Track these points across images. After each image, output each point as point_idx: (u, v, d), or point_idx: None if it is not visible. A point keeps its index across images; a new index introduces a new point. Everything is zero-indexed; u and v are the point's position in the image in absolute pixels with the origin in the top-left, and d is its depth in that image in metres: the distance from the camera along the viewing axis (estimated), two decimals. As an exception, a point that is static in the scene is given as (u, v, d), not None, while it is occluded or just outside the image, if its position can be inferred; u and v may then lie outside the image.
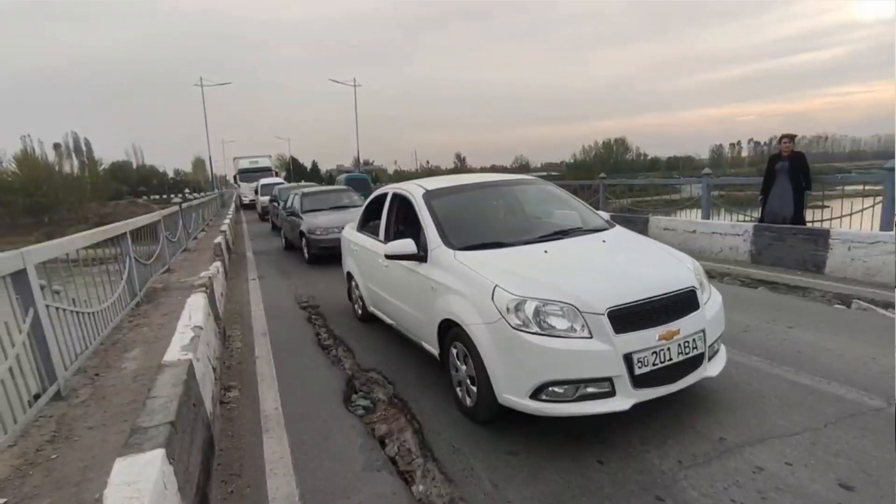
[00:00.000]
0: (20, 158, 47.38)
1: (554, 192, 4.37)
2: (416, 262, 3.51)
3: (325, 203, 10.10)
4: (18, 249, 2.95)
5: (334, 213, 9.48)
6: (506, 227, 3.88)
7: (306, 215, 9.39)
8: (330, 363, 4.22)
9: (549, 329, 2.56)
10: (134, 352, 4.01)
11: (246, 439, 2.99)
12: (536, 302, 2.60)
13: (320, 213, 9.41)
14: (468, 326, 2.83)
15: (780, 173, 6.93)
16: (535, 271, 2.90)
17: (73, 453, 2.52)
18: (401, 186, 4.37)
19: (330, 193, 10.86)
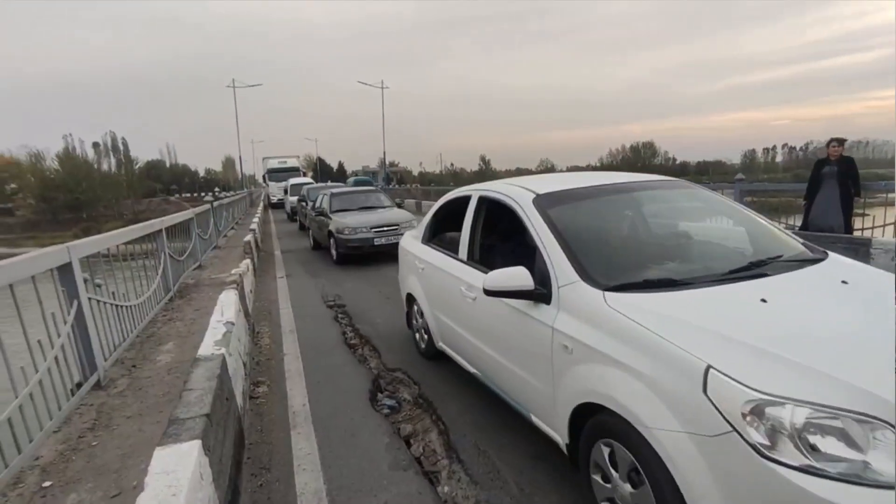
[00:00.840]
0: (62, 157, 49.27)
1: (712, 199, 3.19)
2: (531, 301, 2.39)
3: (353, 203, 10.16)
4: (65, 244, 3.07)
5: (363, 213, 9.57)
6: (666, 251, 2.74)
7: (335, 215, 9.43)
8: (356, 362, 4.27)
9: (826, 460, 1.37)
10: (168, 345, 4.13)
11: (275, 434, 3.05)
12: (807, 408, 1.42)
13: (349, 214, 9.49)
14: (649, 431, 1.68)
15: (828, 178, 6.68)
16: (768, 341, 1.66)
17: (112, 441, 2.61)
18: (492, 187, 3.24)
19: (359, 194, 10.90)
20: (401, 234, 6.79)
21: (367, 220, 8.86)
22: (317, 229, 10.60)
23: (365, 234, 8.57)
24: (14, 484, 2.24)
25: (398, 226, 8.76)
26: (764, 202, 10.05)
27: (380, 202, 10.57)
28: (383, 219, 9.09)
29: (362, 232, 8.56)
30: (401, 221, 8.96)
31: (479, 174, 67.25)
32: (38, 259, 2.70)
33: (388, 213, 9.74)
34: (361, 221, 8.84)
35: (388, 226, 8.82)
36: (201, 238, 8.38)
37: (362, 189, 11.88)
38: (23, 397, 2.31)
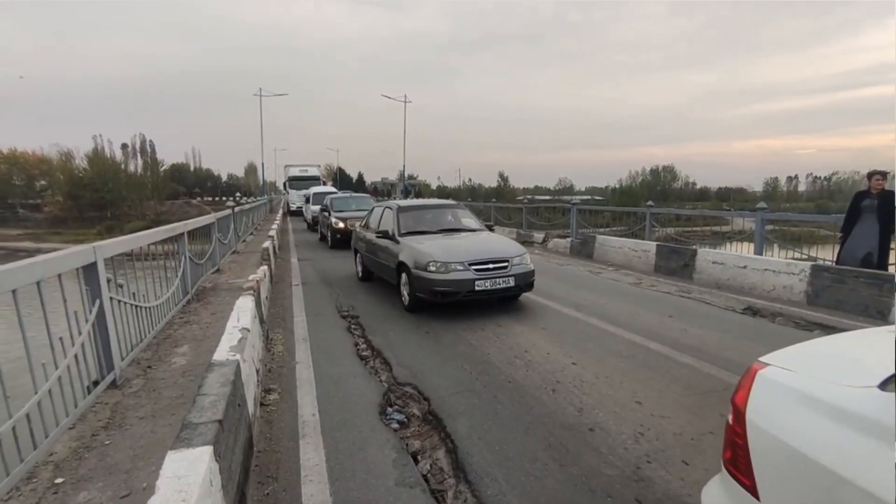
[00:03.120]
0: (91, 156, 50.64)
1: None
2: None
3: (429, 223, 7.34)
4: (91, 244, 3.16)
5: (447, 238, 6.73)
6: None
7: (407, 239, 6.65)
8: (367, 374, 4.27)
9: None
10: (183, 348, 4.19)
11: (283, 443, 3.06)
12: None
13: (426, 238, 6.66)
14: None
15: (867, 212, 6.50)
16: None
17: (124, 441, 2.65)
18: None
19: (433, 210, 7.83)
20: (511, 276, 5.94)
21: (462, 251, 6.09)
22: (372, 254, 7.71)
23: (461, 274, 5.80)
24: (28, 479, 2.28)
25: (507, 262, 6.02)
26: (785, 231, 9.91)
27: (458, 222, 7.63)
28: (484, 250, 6.21)
29: (457, 270, 5.81)
30: (510, 255, 6.14)
31: (496, 191, 67.26)
32: (65, 258, 2.77)
33: (483, 240, 6.77)
34: (452, 252, 6.02)
35: (494, 262, 5.96)
36: (221, 242, 8.52)
37: (435, 202, 8.58)
38: (42, 393, 2.36)
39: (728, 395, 3.55)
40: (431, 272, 5.81)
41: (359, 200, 15.31)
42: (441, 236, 6.82)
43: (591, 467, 2.74)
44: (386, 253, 7.03)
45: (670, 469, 2.70)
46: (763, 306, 6.35)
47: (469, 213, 8.10)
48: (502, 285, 5.89)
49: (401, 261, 6.37)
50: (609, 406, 3.45)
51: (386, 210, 7.80)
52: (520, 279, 6.01)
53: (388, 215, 7.53)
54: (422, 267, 5.92)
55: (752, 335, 5.15)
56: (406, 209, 7.50)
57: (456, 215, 7.81)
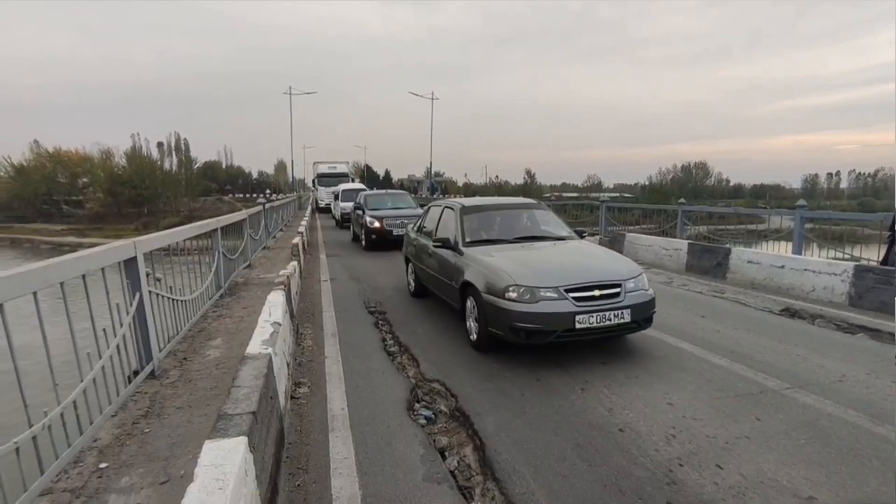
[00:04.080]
0: (129, 154, 52.42)
1: None
2: None
3: (502, 229, 5.77)
4: (131, 239, 3.27)
5: (526, 249, 5.16)
6: None
7: (473, 251, 5.09)
8: (395, 370, 4.30)
9: None
10: (217, 340, 4.31)
11: (313, 436, 3.11)
12: None
13: (500, 250, 5.03)
14: None
15: None
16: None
17: (162, 429, 2.74)
18: None
19: (507, 211, 6.22)
20: (626, 308, 4.19)
21: (553, 270, 4.47)
22: (428, 267, 6.14)
23: (555, 304, 4.13)
24: (75, 463, 2.38)
25: (619, 287, 4.32)
26: (826, 230, 9.54)
27: (547, 228, 5.96)
28: (583, 267, 4.58)
29: (548, 298, 4.15)
30: (622, 276, 4.46)
31: (523, 188, 66.88)
32: (108, 252, 2.88)
33: (579, 252, 5.17)
34: (540, 271, 4.41)
35: (600, 287, 4.27)
36: (252, 238, 8.71)
37: (510, 202, 6.89)
38: (87, 382, 2.46)
39: (765, 399, 3.46)
40: (512, 300, 4.17)
41: (395, 198, 14.19)
42: (520, 247, 5.21)
43: (620, 468, 2.70)
44: (446, 268, 5.49)
45: (703, 472, 2.64)
46: (802, 307, 6.13)
47: (552, 214, 6.34)
48: (613, 321, 4.14)
49: (466, 280, 4.82)
50: (639, 406, 3.40)
51: (445, 211, 6.23)
52: (637, 311, 4.25)
53: (447, 218, 6.03)
54: (497, 292, 4.30)
55: (790, 337, 4.98)
56: (472, 210, 5.92)
57: (536, 218, 6.14)
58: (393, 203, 13.38)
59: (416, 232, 7.07)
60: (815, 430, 3.07)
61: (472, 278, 4.73)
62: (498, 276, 4.41)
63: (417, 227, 7.12)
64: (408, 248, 7.29)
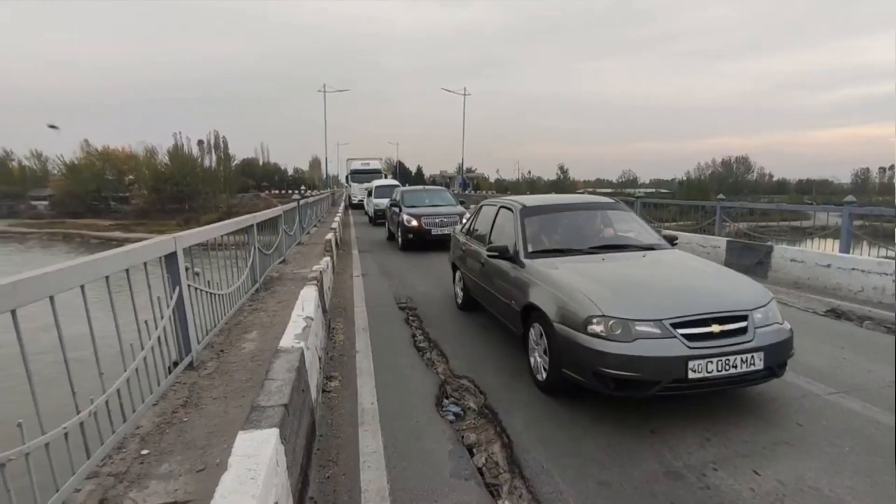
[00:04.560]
0: (172, 153, 54.36)
1: None
2: None
3: (574, 235, 4.66)
4: (172, 235, 3.39)
5: (610, 262, 4.10)
6: None
7: (538, 264, 4.06)
8: (424, 365, 4.33)
9: None
10: (252, 333, 4.43)
11: (343, 429, 3.17)
12: None
13: (574, 263, 4.02)
14: None
15: None
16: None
17: (200, 419, 2.84)
18: None
19: (577, 212, 5.07)
20: (758, 351, 3.06)
21: (651, 292, 3.48)
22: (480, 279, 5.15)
23: (658, 344, 3.06)
24: (118, 448, 2.50)
25: (744, 319, 3.21)
26: (877, 227, 9.05)
27: (628, 234, 4.86)
28: (691, 289, 3.58)
29: (649, 336, 3.08)
30: (746, 304, 3.32)
31: (555, 184, 65.95)
32: (150, 247, 3.00)
33: (678, 266, 4.11)
34: (633, 295, 3.42)
35: (718, 318, 3.16)
36: (287, 234, 8.91)
37: (581, 201, 5.54)
38: (130, 371, 2.57)
39: (807, 403, 3.32)
40: (596, 336, 3.09)
41: (433, 194, 13.43)
42: (599, 260, 4.10)
43: (652, 471, 2.65)
44: (503, 283, 4.45)
45: (739, 478, 2.55)
46: (849, 308, 5.84)
47: (633, 214, 5.25)
48: (740, 367, 3.01)
49: (531, 303, 3.79)
50: (672, 408, 3.31)
51: (501, 212, 5.15)
52: (772, 355, 3.13)
53: (504, 221, 4.96)
54: (575, 323, 3.24)
55: (836, 338, 4.76)
56: (535, 211, 4.77)
57: (613, 220, 5.02)
58: (431, 200, 12.66)
59: (465, 235, 6.07)
60: (860, 437, 2.93)
61: (539, 301, 3.69)
62: (576, 302, 3.33)
63: (467, 230, 6.08)
64: (455, 252, 6.32)
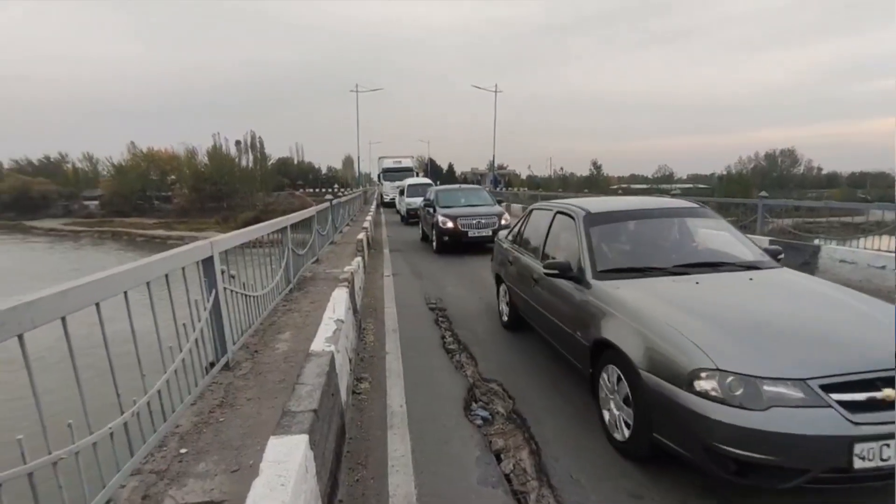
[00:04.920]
0: (211, 153, 56.17)
1: None
2: None
3: (652, 249, 3.88)
4: (208, 240, 3.50)
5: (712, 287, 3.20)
6: None
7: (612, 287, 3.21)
8: (453, 368, 4.34)
9: None
10: (285, 334, 4.54)
11: (372, 432, 3.21)
12: None
13: (660, 285, 3.21)
14: None
15: None
16: None
17: (235, 420, 2.93)
18: None
19: (653, 221, 4.12)
20: None
21: (791, 343, 2.40)
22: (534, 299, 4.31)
23: (805, 416, 2.12)
24: (159, 447, 2.61)
25: None
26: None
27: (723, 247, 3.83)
28: (849, 341, 2.40)
29: (790, 402, 2.15)
30: None
31: (588, 180, 64.72)
32: (188, 253, 3.11)
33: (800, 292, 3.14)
34: (771, 346, 2.37)
35: (888, 378, 2.15)
36: (320, 234, 9.07)
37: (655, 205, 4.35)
38: (169, 373, 2.68)
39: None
40: (706, 395, 2.28)
41: (470, 194, 12.66)
42: (692, 283, 3.22)
43: (693, 485, 2.58)
44: (564, 307, 3.60)
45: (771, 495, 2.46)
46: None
47: (724, 221, 4.16)
48: None
49: (604, 339, 2.98)
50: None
51: (558, 219, 4.23)
52: None
53: (562, 229, 4.10)
54: (673, 375, 2.43)
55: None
56: (603, 219, 3.83)
57: (699, 229, 4.08)
58: (467, 200, 12.02)
59: (511, 243, 5.26)
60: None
61: (616, 337, 2.83)
62: (673, 345, 2.47)
63: (514, 237, 5.27)
64: (500, 262, 5.50)
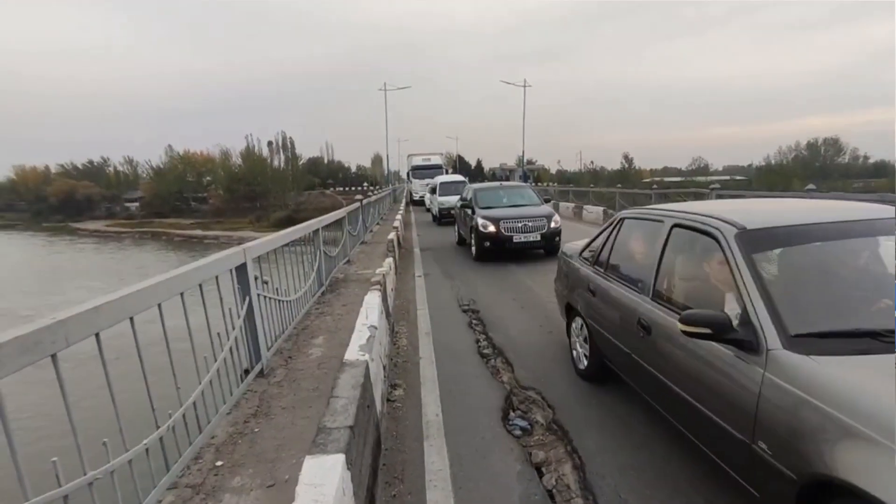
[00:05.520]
0: (244, 154, 57.55)
1: None
2: None
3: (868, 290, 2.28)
4: (241, 247, 3.47)
5: None
6: None
7: (819, 367, 1.77)
8: (489, 374, 4.22)
9: None
10: (319, 339, 4.50)
11: (408, 443, 3.12)
12: None
13: None
14: None
15: None
16: None
17: (270, 430, 2.89)
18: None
19: (856, 242, 2.45)
20: None
21: None
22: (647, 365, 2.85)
23: None
24: (195, 459, 2.57)
25: None
26: None
27: None
28: None
29: None
30: None
31: (620, 173, 63.29)
32: (222, 261, 3.08)
33: None
34: None
35: None
36: (350, 235, 9.07)
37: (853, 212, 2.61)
38: (205, 384, 2.64)
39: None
40: None
41: (512, 192, 10.89)
42: None
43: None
44: (719, 388, 2.22)
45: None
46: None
47: None
48: None
49: (845, 482, 1.52)
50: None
51: (678, 236, 2.95)
52: None
53: (687, 250, 2.89)
54: None
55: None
56: (772, 239, 2.44)
57: None
58: (510, 199, 10.48)
59: (589, 263, 3.94)
60: None
61: (853, 470, 1.52)
62: None
63: (593, 254, 3.96)
64: (570, 287, 4.24)
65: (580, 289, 4.00)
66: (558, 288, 4.74)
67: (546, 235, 9.16)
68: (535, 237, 9.14)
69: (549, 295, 6.36)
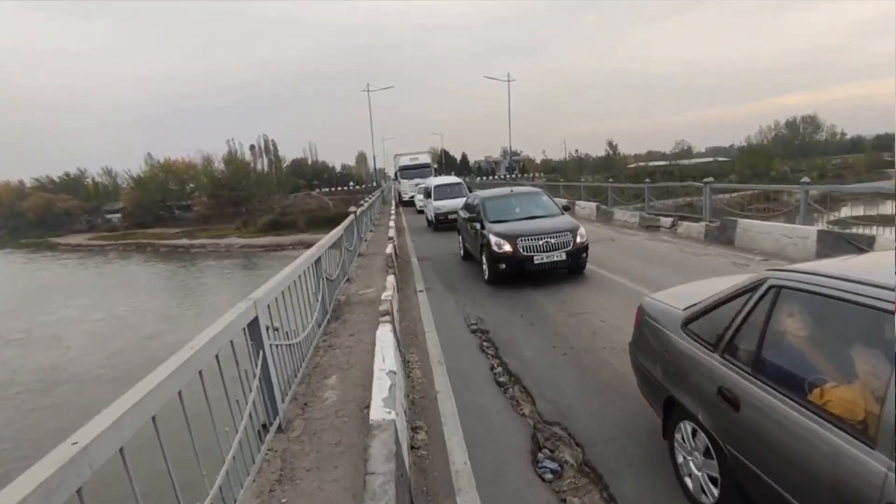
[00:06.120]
0: (226, 159, 56.70)
1: None
2: None
3: None
4: (251, 299, 3.30)
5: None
6: None
7: None
8: (509, 406, 4.13)
9: None
10: (332, 379, 4.36)
11: (441, 500, 3.02)
12: None
13: None
14: None
15: None
16: None
17: (296, 499, 2.76)
18: None
19: None
20: None
21: None
22: None
23: None
24: (224, 544, 2.44)
25: None
26: None
27: None
28: None
29: None
30: None
31: (605, 160, 63.45)
32: (234, 323, 2.91)
33: None
34: None
35: None
36: (347, 251, 8.89)
37: None
38: (228, 462, 2.50)
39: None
40: None
41: (526, 200, 9.37)
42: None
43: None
44: None
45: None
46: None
47: None
48: None
49: None
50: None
51: None
52: None
53: None
54: None
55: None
56: None
57: None
58: (524, 209, 8.99)
59: (714, 349, 2.60)
60: None
61: None
62: None
63: (716, 330, 2.63)
64: (674, 372, 2.94)
65: (698, 385, 2.67)
66: (643, 363, 3.36)
67: (572, 253, 7.79)
68: (559, 256, 7.72)
69: (560, 311, 6.29)
